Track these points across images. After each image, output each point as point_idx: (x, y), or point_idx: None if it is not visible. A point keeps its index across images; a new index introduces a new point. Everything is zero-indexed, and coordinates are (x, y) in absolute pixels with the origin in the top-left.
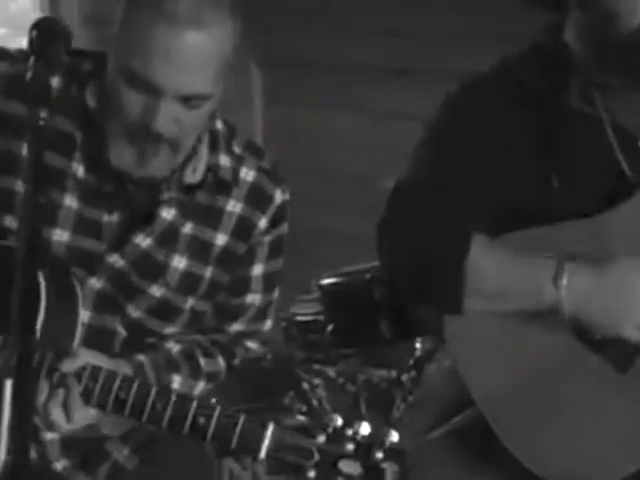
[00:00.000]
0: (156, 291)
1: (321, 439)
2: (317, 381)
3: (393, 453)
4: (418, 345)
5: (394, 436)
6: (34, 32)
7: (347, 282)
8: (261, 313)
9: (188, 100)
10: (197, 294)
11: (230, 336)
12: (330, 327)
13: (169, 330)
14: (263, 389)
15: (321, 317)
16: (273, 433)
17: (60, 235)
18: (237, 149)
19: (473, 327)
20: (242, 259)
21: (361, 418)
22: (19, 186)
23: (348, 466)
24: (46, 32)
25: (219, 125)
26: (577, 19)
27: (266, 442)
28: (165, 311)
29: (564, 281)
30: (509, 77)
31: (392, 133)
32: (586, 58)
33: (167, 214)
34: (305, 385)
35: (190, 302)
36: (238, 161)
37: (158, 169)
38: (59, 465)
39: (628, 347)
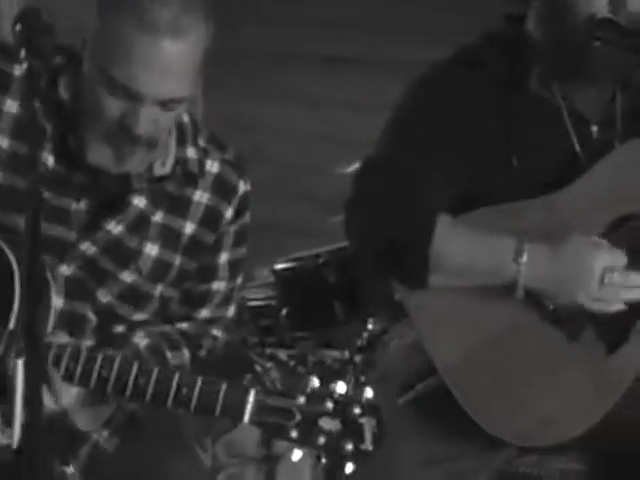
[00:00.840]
0: (127, 277)
1: (301, 400)
2: (269, 364)
3: (370, 408)
4: (370, 325)
5: (369, 392)
6: (19, 25)
7: (300, 266)
8: (226, 299)
9: (166, 104)
10: (166, 281)
11: (198, 323)
12: (284, 311)
13: (138, 317)
14: (218, 374)
15: (273, 302)
16: (255, 397)
17: None
18: (202, 142)
19: (435, 300)
20: (209, 248)
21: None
22: None
23: (328, 423)
24: (32, 25)
25: (185, 118)
26: (538, 8)
27: (249, 407)
28: (135, 297)
29: (524, 258)
30: (473, 62)
31: (328, 120)
32: (545, 45)
33: (138, 202)
34: (258, 368)
35: (159, 288)
36: (204, 153)
37: (135, 166)
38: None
39: (579, 318)
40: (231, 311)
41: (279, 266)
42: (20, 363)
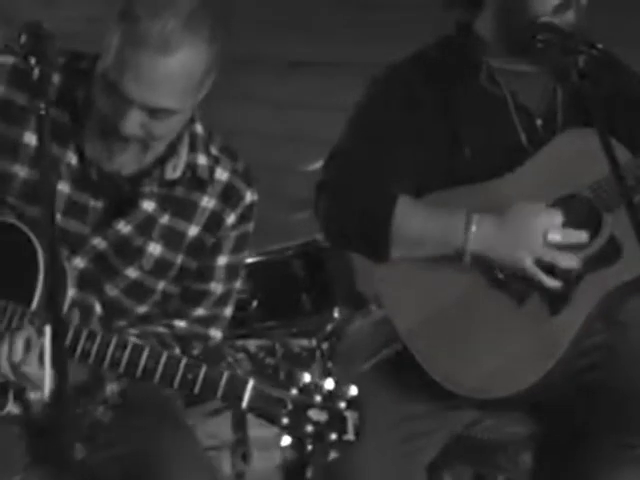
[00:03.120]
0: (132, 273)
1: (293, 391)
2: (240, 355)
3: (354, 403)
4: (336, 314)
5: (354, 390)
6: (24, 35)
7: (270, 259)
8: (222, 300)
9: (154, 112)
10: (168, 278)
11: (193, 321)
12: (255, 303)
13: (141, 309)
14: None
15: (244, 295)
16: (253, 386)
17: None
18: (214, 151)
19: (396, 272)
20: (209, 249)
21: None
22: (16, 168)
23: (316, 414)
24: (36, 35)
25: (198, 128)
26: (493, 12)
27: (247, 394)
28: (139, 292)
29: (473, 228)
30: (427, 60)
31: (291, 121)
32: (495, 43)
33: (147, 206)
34: (230, 359)
35: (161, 285)
36: (214, 161)
37: (125, 165)
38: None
39: (525, 284)
40: (228, 312)
41: (249, 260)
42: (48, 329)
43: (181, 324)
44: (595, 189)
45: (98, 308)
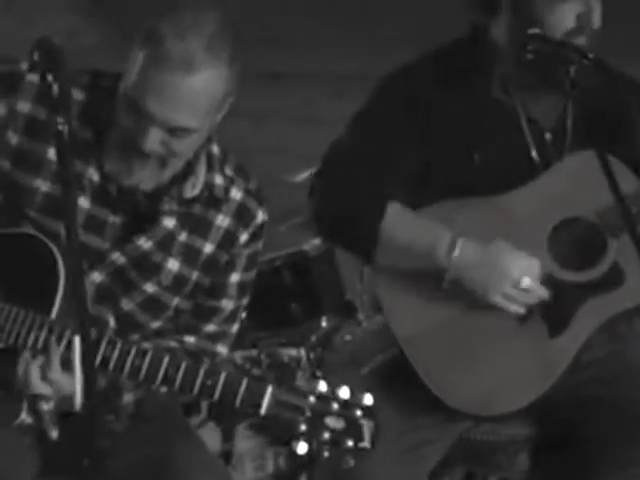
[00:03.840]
0: (149, 288)
1: (311, 399)
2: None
3: (369, 412)
4: (324, 323)
5: (369, 399)
6: (37, 52)
7: (259, 269)
8: (231, 317)
9: (174, 130)
10: (183, 294)
11: (203, 337)
12: (244, 313)
13: (155, 324)
14: None
15: None
16: (272, 392)
17: None
18: (229, 171)
19: (399, 280)
20: (223, 267)
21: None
22: (38, 183)
23: (333, 422)
24: (49, 51)
25: (215, 149)
26: (507, 20)
27: (266, 401)
28: (154, 307)
29: (455, 253)
30: (439, 64)
31: (273, 133)
32: (509, 55)
33: (168, 223)
34: None
35: (176, 300)
36: (230, 181)
37: (143, 181)
38: (54, 433)
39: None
40: (235, 328)
41: None
42: (77, 339)
43: (191, 340)
44: (602, 215)
45: (112, 322)
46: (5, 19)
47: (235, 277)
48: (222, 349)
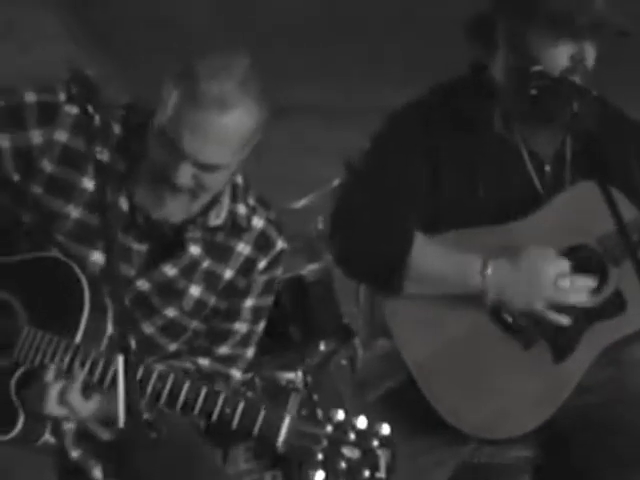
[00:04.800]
0: (170, 312)
1: (328, 429)
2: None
3: (387, 441)
4: (322, 347)
5: (386, 429)
6: (73, 85)
7: None
8: (246, 340)
9: (205, 166)
10: (201, 317)
11: (216, 359)
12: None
13: (172, 347)
14: None
15: None
16: (290, 422)
17: (97, 257)
18: (251, 201)
19: (407, 306)
20: (240, 291)
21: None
22: (69, 209)
23: (350, 451)
24: (85, 83)
25: (239, 179)
26: (505, 58)
27: (284, 430)
28: (174, 330)
29: (489, 271)
30: (442, 101)
31: (275, 162)
32: (508, 92)
33: (194, 250)
34: None
35: (194, 324)
36: (252, 210)
37: (173, 214)
38: (75, 453)
39: (533, 329)
40: (249, 353)
41: None
42: (121, 359)
43: (205, 362)
44: (603, 242)
45: (132, 344)
46: (3, 45)
47: (250, 301)
48: (235, 372)
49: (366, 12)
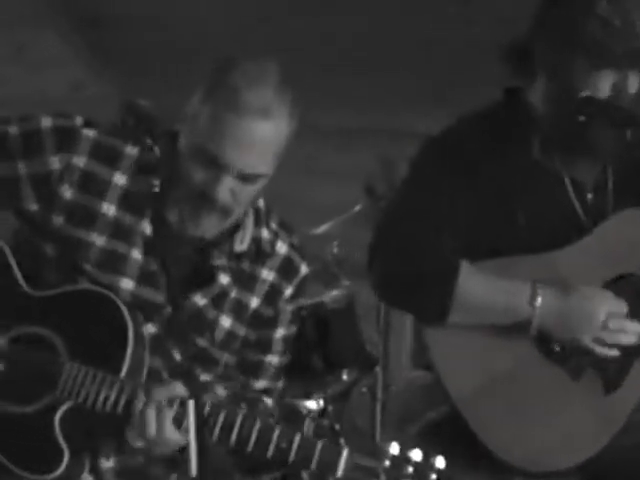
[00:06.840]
0: (201, 342)
1: (386, 463)
2: None
3: (443, 475)
4: (345, 376)
5: (442, 462)
6: (131, 117)
7: None
8: (278, 372)
9: (246, 178)
10: (231, 350)
11: (254, 392)
12: None
13: (204, 377)
14: None
15: None
16: (347, 456)
17: (126, 284)
18: (274, 225)
19: (451, 336)
20: (268, 321)
21: None
22: (93, 237)
23: None
24: (142, 116)
25: (261, 203)
26: (545, 85)
27: (342, 464)
28: (205, 361)
29: (538, 302)
30: (478, 128)
31: (293, 185)
32: (550, 118)
33: (223, 280)
34: None
35: (225, 356)
36: (275, 235)
37: (208, 230)
38: None
39: (581, 359)
40: (281, 384)
41: None
42: (191, 403)
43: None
44: None
45: (164, 373)
46: (14, 68)
47: (280, 332)
48: (268, 401)
49: (381, 38)
